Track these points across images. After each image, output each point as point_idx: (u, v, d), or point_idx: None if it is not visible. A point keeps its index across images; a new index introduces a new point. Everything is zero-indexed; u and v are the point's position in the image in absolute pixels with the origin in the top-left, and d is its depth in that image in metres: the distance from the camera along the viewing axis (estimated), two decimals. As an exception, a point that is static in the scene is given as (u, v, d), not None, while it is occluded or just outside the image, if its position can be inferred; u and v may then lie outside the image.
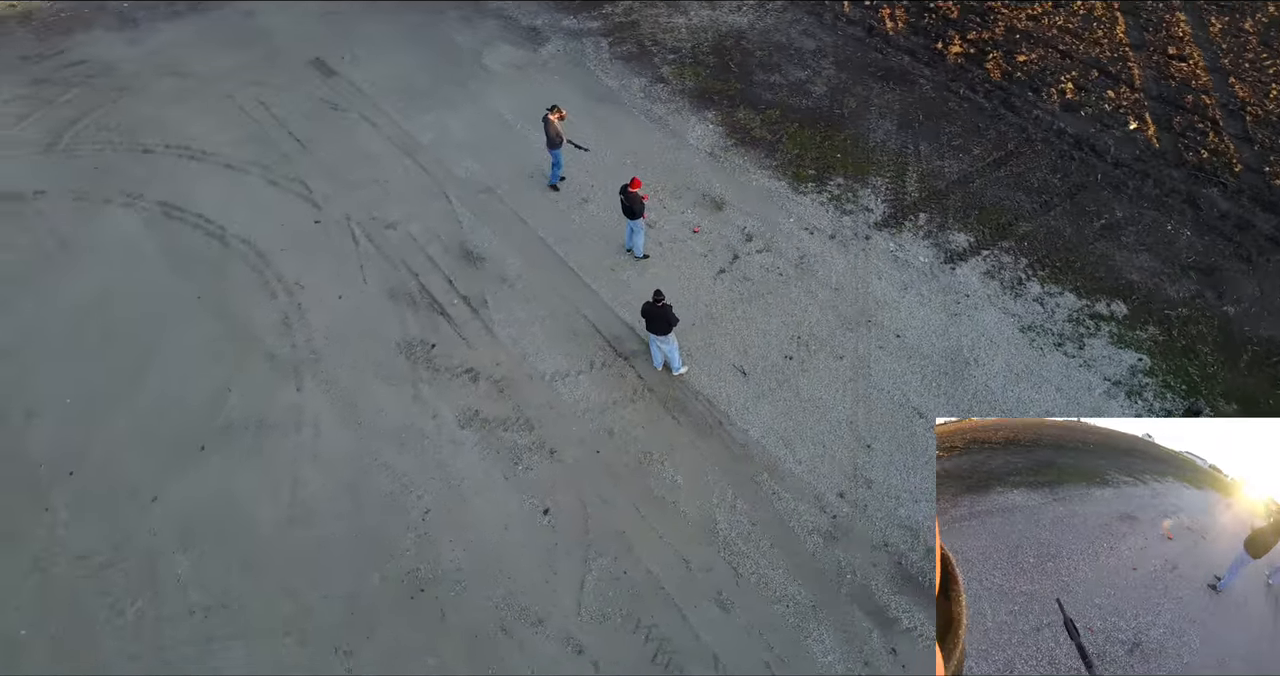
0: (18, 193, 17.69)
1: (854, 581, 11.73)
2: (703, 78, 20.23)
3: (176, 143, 18.78)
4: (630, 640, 11.24)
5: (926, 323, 14.80)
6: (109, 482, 12.90)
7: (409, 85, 20.17)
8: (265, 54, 21.31)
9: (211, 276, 15.91)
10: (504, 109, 19.38)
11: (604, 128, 18.78)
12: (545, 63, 20.79)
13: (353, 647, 11.21)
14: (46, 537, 12.32)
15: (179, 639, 11.30)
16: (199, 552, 12.12)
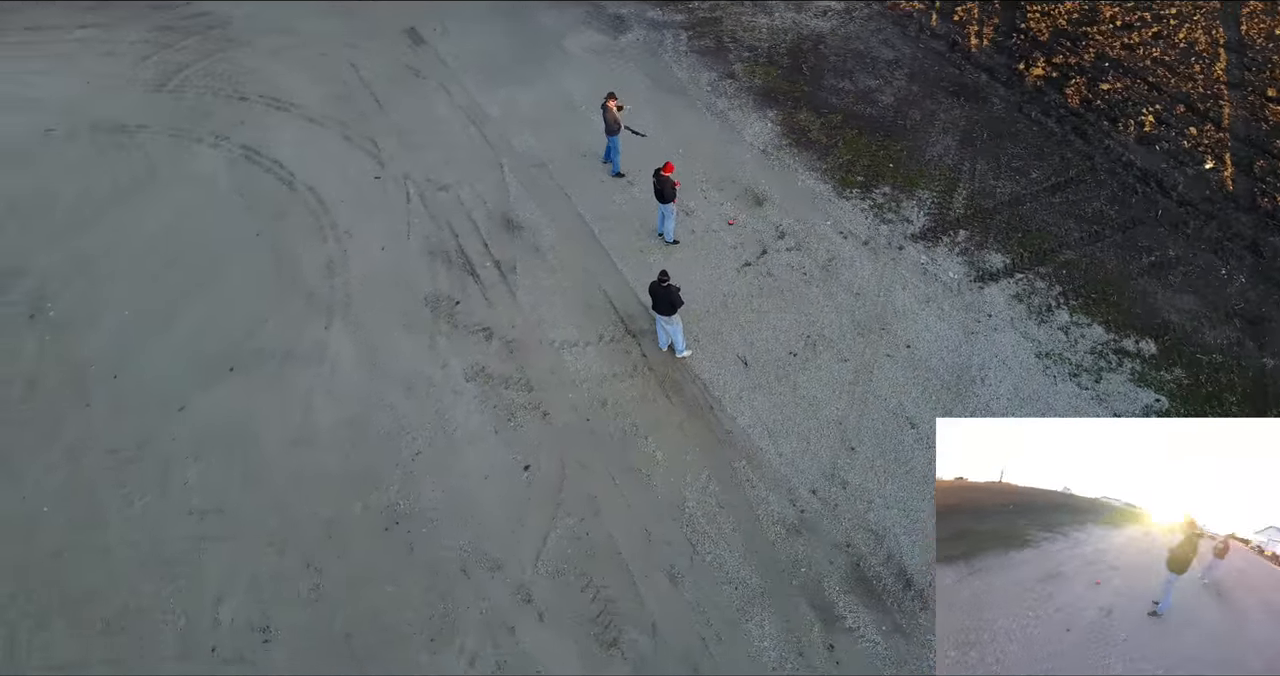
0: (124, 125, 19.36)
1: (807, 575, 11.87)
2: (772, 77, 20.42)
3: (269, 93, 20.17)
4: (578, 597, 11.70)
5: (941, 337, 14.69)
6: (146, 389, 14.14)
7: (489, 60, 21.06)
8: (366, 20, 22.56)
9: (274, 217, 17.10)
10: (573, 91, 20.03)
11: (665, 117, 19.21)
12: (623, 50, 21.35)
13: (324, 565, 12.04)
14: (83, 431, 13.63)
15: (175, 535, 12.36)
16: (208, 461, 13.20)
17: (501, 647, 11.24)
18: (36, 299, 15.61)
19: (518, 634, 11.37)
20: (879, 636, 11.27)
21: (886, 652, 11.10)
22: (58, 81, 20.72)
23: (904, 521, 12.35)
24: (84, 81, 20.71)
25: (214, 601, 11.67)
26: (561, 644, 11.26)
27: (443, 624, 11.46)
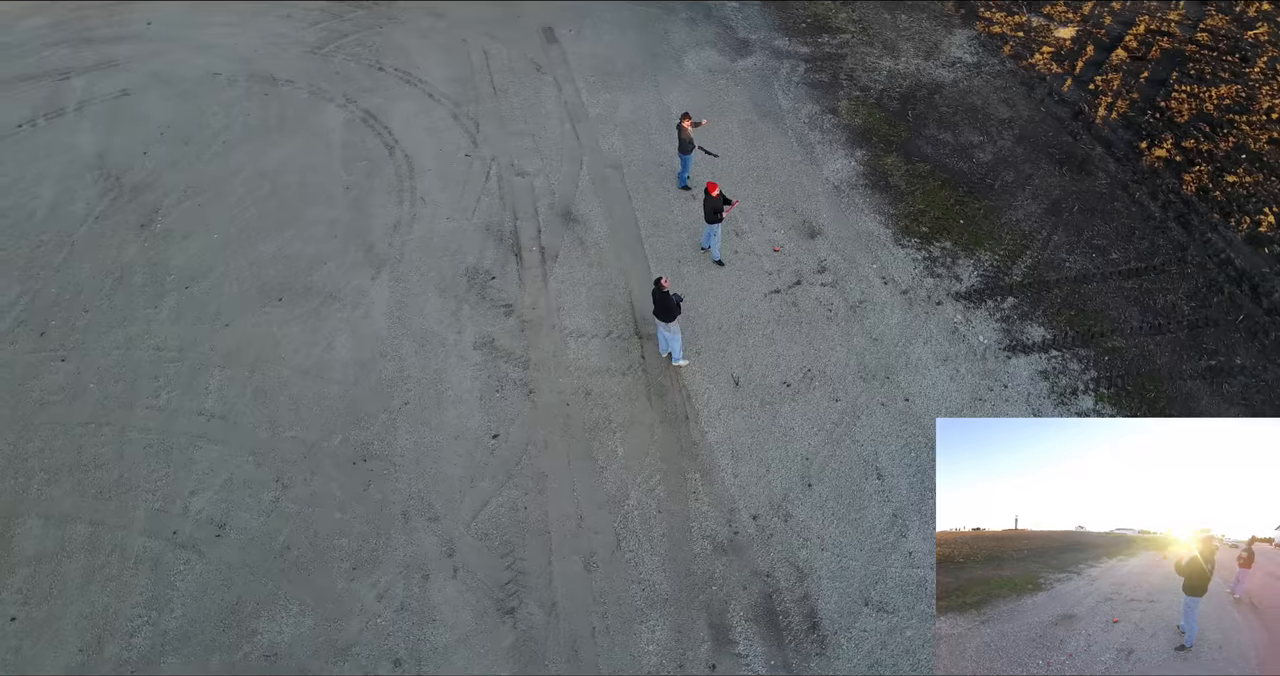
0: (275, 78, 21.73)
1: (716, 594, 11.91)
2: (874, 118, 20.27)
3: (404, 68, 22.04)
4: (495, 562, 12.28)
5: (945, 397, 14.24)
6: (205, 302, 15.95)
7: (607, 65, 22.05)
8: (511, 14, 24.15)
9: (366, 175, 18.74)
10: (674, 104, 20.68)
11: (752, 141, 19.51)
12: (736, 73, 21.79)
13: (290, 483, 13.23)
14: (144, 327, 15.56)
15: (181, 429, 13.94)
16: (231, 374, 14.75)
17: (411, 590, 11.98)
18: (151, 211, 17.87)
19: (430, 582, 12.07)
20: (764, 669, 11.17)
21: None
22: (240, 35, 23.48)
23: (834, 566, 12.13)
24: (260, 38, 23.35)
25: (189, 493, 13.08)
26: (463, 600, 11.86)
27: (369, 557, 12.33)
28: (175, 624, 11.70)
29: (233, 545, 12.51)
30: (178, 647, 11.46)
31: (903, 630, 11.42)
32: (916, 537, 12.42)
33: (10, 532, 12.64)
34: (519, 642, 11.46)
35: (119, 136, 19.83)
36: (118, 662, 11.32)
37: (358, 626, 11.65)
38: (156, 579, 12.13)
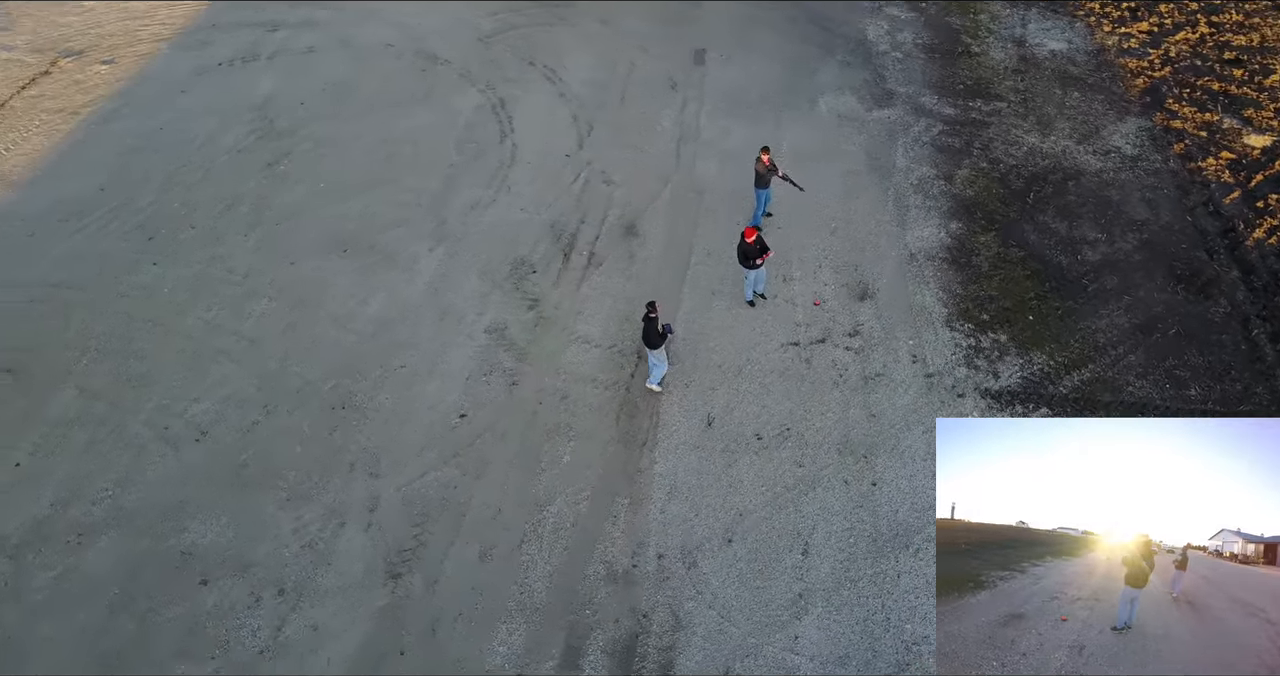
0: (437, 57, 23.60)
1: (587, 619, 11.91)
2: (989, 193, 19.04)
3: (551, 66, 23.22)
4: (405, 529, 12.94)
5: (917, 492, 13.31)
6: (284, 241, 17.76)
7: (741, 94, 22.10)
8: (674, 31, 24.67)
9: (472, 156, 20.02)
10: (787, 142, 20.43)
11: (848, 192, 18.93)
12: (867, 123, 21.17)
13: (273, 410, 14.56)
14: (229, 250, 17.58)
15: (214, 344, 15.71)
16: (275, 306, 16.38)
17: (323, 532, 12.87)
18: (281, 154, 20.07)
19: (343, 530, 12.91)
20: (595, 703, 11.06)
21: (581, 716, 10.92)
22: (427, 15, 25.63)
23: (713, 627, 11.75)
24: (441, 20, 25.40)
25: (192, 399, 14.72)
26: (362, 554, 12.60)
27: (304, 493, 13.36)
28: (130, 504, 13.25)
29: (203, 451, 13.96)
30: (121, 525, 12.98)
31: (744, 709, 10.91)
32: (811, 625, 11.75)
33: (49, 395, 14.79)
34: (388, 606, 12.01)
35: (289, 86, 22.34)
36: (72, 524, 13.00)
37: (265, 550, 12.67)
38: (134, 462, 13.78)
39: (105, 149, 20.21)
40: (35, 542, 12.82)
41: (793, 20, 24.89)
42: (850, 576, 12.25)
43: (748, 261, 15.41)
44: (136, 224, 18.20)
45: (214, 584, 12.33)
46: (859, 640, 11.58)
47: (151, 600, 12.14)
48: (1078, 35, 24.11)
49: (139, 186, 19.13)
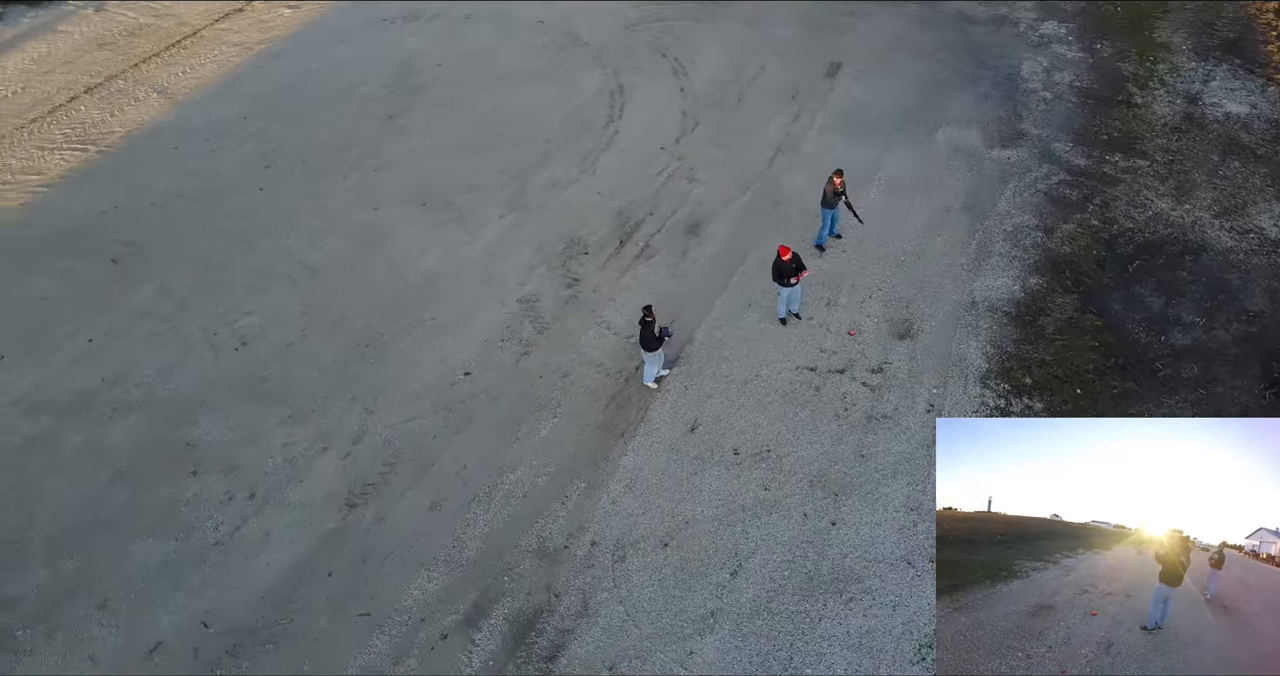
0: (576, 37, 24.40)
1: (503, 584, 12.34)
2: (1086, 254, 17.61)
3: (681, 59, 23.47)
4: (375, 466, 13.84)
5: (872, 540, 12.74)
6: (377, 187, 19.15)
7: (860, 111, 21.47)
8: (817, 41, 24.18)
9: (574, 136, 20.67)
10: (887, 167, 19.72)
11: (930, 228, 18.08)
12: (981, 161, 20.04)
13: (308, 336, 15.87)
14: (325, 187, 19.16)
15: (281, 266, 17.24)
16: (343, 243, 17.75)
17: (307, 452, 13.98)
18: (403, 109, 21.54)
19: (324, 454, 13.99)
20: (480, 661, 11.45)
21: (471, 671, 11.33)
22: None
23: (615, 622, 11.85)
24: (598, 3, 26.18)
25: (246, 312, 16.30)
26: (330, 479, 13.60)
27: (304, 414, 14.54)
28: (163, 393, 14.89)
29: (238, 359, 15.43)
30: (149, 409, 14.63)
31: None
32: (711, 645, 11.57)
33: (136, 287, 16.81)
34: (335, 531, 12.91)
35: (435, 47, 23.85)
36: (112, 400, 14.79)
37: (253, 456, 13.91)
38: (179, 358, 15.44)
39: (262, 83, 22.42)
40: (79, 409, 14.68)
41: (947, 46, 23.84)
42: (770, 608, 11.92)
43: (781, 278, 15.12)
44: (261, 152, 20.14)
45: (201, 476, 13.67)
46: (750, 672, 11.28)
47: (147, 478, 13.63)
48: (1266, 100, 21.66)
49: (276, 120, 21.12)
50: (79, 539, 12.89)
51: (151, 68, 22.95)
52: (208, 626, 11.85)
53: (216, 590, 12.23)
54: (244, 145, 20.33)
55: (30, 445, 14.17)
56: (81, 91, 22.00)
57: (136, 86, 22.25)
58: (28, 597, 12.22)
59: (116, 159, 19.99)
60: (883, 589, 12.10)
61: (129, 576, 12.41)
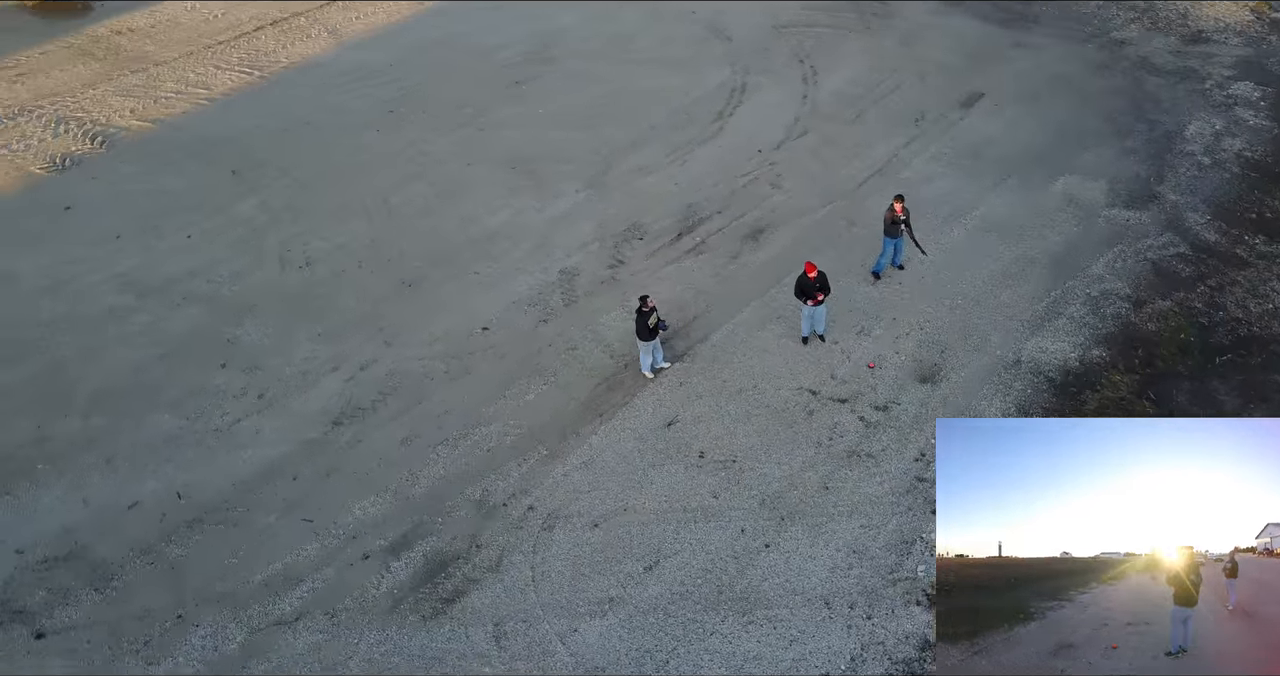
0: (719, 31, 24.52)
1: (434, 525, 13.01)
2: (1170, 337, 15.93)
3: (817, 68, 23.08)
4: (371, 393, 14.91)
5: (799, 572, 12.39)
6: (479, 145, 20.28)
7: (982, 147, 20.28)
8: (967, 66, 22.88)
9: (677, 127, 20.97)
10: (986, 206, 18.58)
11: (1004, 278, 16.93)
12: (1094, 218, 18.43)
13: (364, 268, 17.25)
14: (431, 138, 20.50)
15: (362, 203, 18.70)
16: (428, 191, 19.02)
17: (320, 369, 15.31)
18: (530, 78, 22.64)
19: (333, 374, 15.27)
20: (386, 587, 12.23)
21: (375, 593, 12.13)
22: None
23: (519, 583, 12.27)
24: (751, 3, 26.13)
25: (319, 238, 17.97)
26: (330, 395, 14.88)
27: (332, 337, 15.90)
28: (226, 293, 16.70)
29: (298, 277, 17.01)
30: (211, 304, 16.51)
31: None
32: (595, 629, 11.75)
33: (243, 198, 18.84)
34: (314, 442, 14.13)
35: (583, 24, 24.77)
36: (186, 290, 16.81)
37: (275, 363, 15.37)
38: (250, 265, 17.28)
39: (416, 36, 24.21)
40: (157, 293, 16.74)
41: (1111, 93, 22.11)
42: (668, 609, 11.90)
43: (803, 296, 14.82)
44: (390, 97, 21.82)
45: (227, 370, 15.26)
46: (625, 665, 11.35)
47: (185, 363, 15.38)
48: None
49: (414, 70, 22.79)
50: (113, 401, 14.76)
51: (332, 11, 25.26)
52: (180, 498, 13.31)
53: (199, 469, 13.69)
54: (379, 89, 22.06)
55: (109, 315, 16.30)
56: (267, 23, 24.61)
57: (313, 25, 24.61)
58: (57, 439, 14.18)
59: (271, 85, 22.27)
60: (787, 621, 11.76)
61: (138, 441, 14.11)
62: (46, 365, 15.42)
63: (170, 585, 12.28)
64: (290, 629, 11.80)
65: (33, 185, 19.33)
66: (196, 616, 11.93)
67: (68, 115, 21.25)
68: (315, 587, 12.24)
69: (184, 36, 24.08)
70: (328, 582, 12.29)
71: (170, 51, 23.44)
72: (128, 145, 20.42)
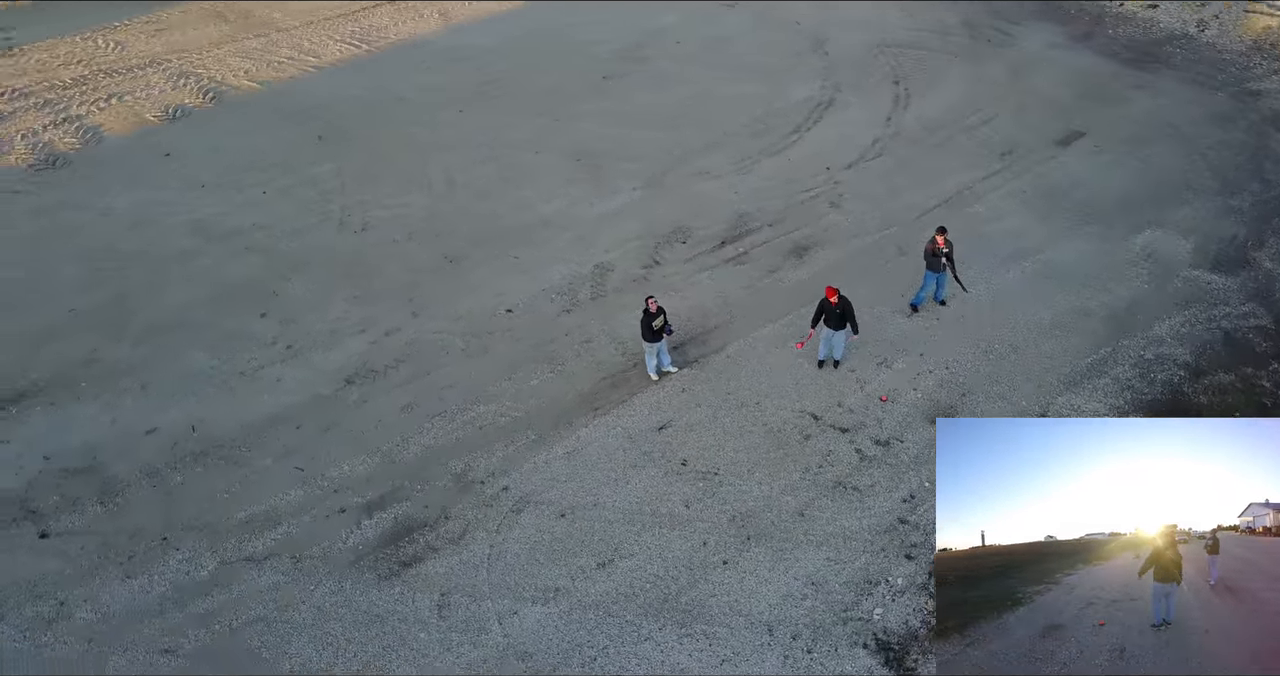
0: (821, 46, 24.15)
1: (412, 491, 13.46)
2: (1223, 410, 14.82)
3: (911, 92, 22.46)
4: (387, 359, 15.51)
5: (748, 593, 12.19)
6: (552, 129, 20.73)
7: (1062, 188, 19.29)
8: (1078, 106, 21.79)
9: (751, 136, 20.89)
10: (1052, 251, 17.64)
11: (1055, 327, 16.05)
12: (1169, 277, 17.18)
13: (413, 237, 17.93)
14: (510, 123, 21.05)
15: (448, 170, 19.39)
16: (492, 172, 19.55)
17: (348, 330, 16.02)
18: (618, 74, 22.98)
19: (360, 336, 15.93)
20: (353, 542, 12.75)
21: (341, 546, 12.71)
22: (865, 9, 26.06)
23: (476, 559, 12.49)
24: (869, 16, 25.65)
25: (382, 206, 18.73)
26: (349, 356, 15.53)
27: (367, 298, 16.60)
28: (285, 247, 17.79)
29: (352, 241, 17.91)
30: (268, 256, 17.60)
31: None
32: (535, 616, 11.87)
33: (319, 163, 19.98)
34: (324, 397, 14.81)
35: (684, 26, 25.04)
36: (249, 241, 17.96)
37: (311, 319, 16.24)
38: (313, 225, 18.34)
39: (523, 23, 25.05)
40: (223, 239, 17.97)
41: (1228, 146, 20.69)
42: (609, 609, 11.91)
43: (825, 320, 14.51)
44: (482, 80, 22.69)
45: (266, 319, 16.22)
46: (554, 654, 11.46)
47: (231, 307, 16.44)
48: None
49: (510, 56, 23.54)
50: (161, 334, 15.94)
51: (448, -7, 26.34)
52: (194, 431, 14.25)
53: (217, 407, 14.63)
54: (473, 72, 22.89)
55: (179, 256, 17.61)
56: (386, 0, 25.85)
57: (428, 5, 25.71)
58: (104, 362, 15.45)
59: (375, 59, 23.47)
60: (725, 640, 11.58)
61: (170, 373, 15.20)
62: (115, 294, 16.79)
63: (164, 509, 13.18)
64: (257, 566, 12.47)
65: (144, 130, 21.06)
66: (179, 541, 12.76)
67: (189, 70, 22.99)
68: (289, 532, 12.88)
69: (308, 7, 25.61)
70: (302, 529, 12.91)
71: (293, 20, 24.98)
72: (234, 103, 21.92)
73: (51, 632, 11.72)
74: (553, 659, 11.42)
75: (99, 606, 12.01)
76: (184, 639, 11.68)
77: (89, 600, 12.08)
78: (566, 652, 11.49)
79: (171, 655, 11.53)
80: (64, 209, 18.66)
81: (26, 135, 20.79)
